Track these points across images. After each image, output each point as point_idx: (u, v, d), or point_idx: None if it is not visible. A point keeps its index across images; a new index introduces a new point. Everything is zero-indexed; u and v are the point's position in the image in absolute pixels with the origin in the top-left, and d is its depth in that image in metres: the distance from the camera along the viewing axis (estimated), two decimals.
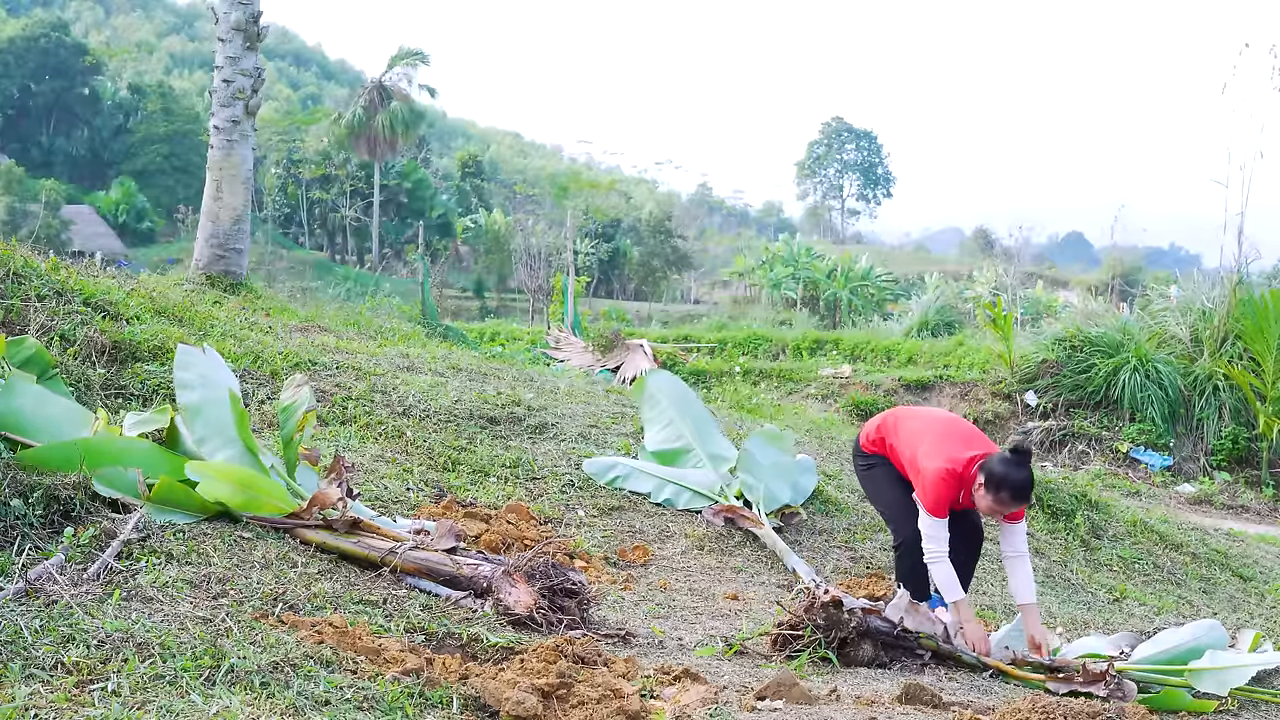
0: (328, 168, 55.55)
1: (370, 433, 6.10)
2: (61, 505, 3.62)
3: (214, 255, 10.22)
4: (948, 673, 4.19)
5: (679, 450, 6.48)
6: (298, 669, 2.89)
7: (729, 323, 26.42)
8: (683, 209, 72.33)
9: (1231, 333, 12.06)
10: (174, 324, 6.94)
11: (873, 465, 4.94)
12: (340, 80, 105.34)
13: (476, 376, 7.87)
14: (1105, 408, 12.26)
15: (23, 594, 2.99)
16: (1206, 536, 8.15)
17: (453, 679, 3.12)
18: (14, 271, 6.08)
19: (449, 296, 44.59)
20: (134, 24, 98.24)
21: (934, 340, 18.13)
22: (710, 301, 51.07)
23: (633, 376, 13.01)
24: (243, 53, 10.19)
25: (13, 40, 58.61)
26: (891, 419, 4.90)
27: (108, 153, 60.09)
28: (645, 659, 3.74)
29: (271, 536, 3.95)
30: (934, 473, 4.42)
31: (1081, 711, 3.18)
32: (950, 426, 4.71)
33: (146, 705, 2.53)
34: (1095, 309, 15.86)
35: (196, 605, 3.20)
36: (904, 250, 76.32)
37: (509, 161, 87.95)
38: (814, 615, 4.09)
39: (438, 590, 3.94)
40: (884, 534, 6.03)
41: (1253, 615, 6.03)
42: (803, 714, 3.21)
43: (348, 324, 10.17)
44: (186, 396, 4.48)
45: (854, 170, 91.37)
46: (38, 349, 4.79)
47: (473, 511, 5.17)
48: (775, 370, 16.12)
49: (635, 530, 5.66)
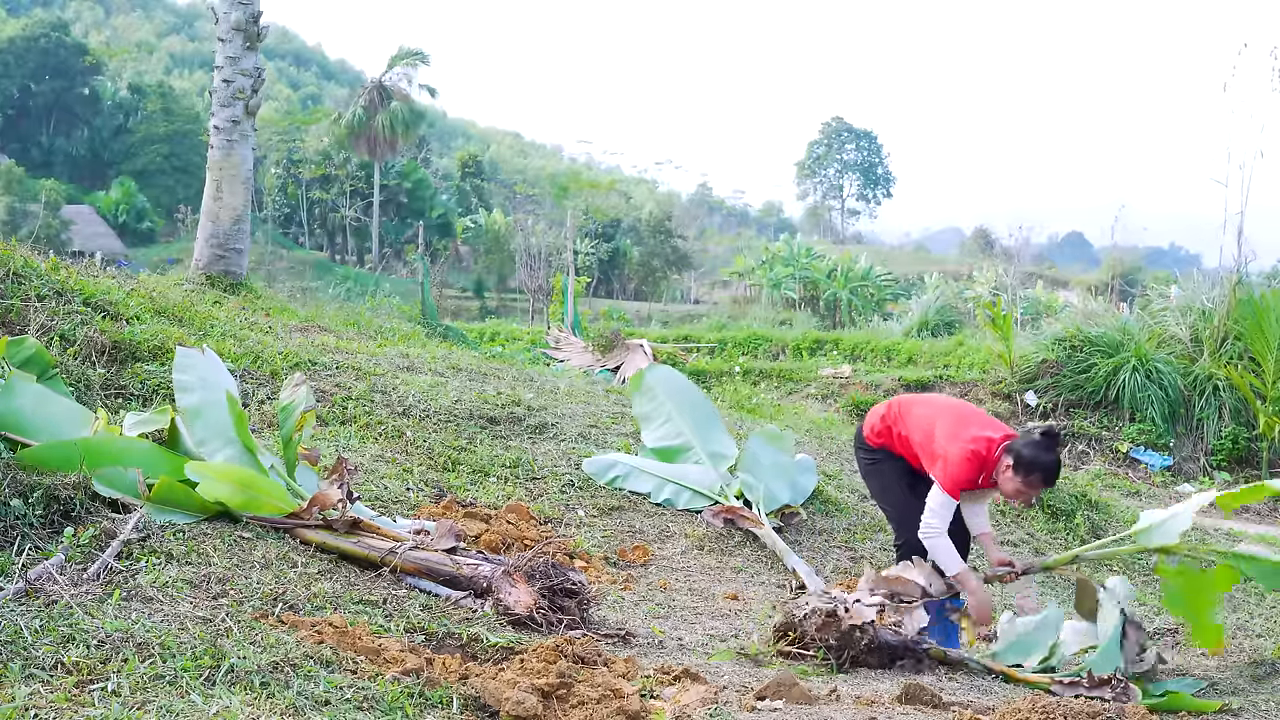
0: (328, 168, 55.53)
1: (370, 433, 6.10)
2: (61, 505, 3.62)
3: (214, 255, 10.22)
4: (948, 673, 4.19)
5: (678, 448, 6.48)
6: (298, 669, 2.89)
7: (729, 323, 26.41)
8: (683, 209, 72.30)
9: (1231, 333, 12.05)
10: (174, 324, 6.94)
11: (878, 460, 4.87)
12: (340, 80, 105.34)
13: (476, 376, 7.87)
14: (1105, 408, 12.25)
15: (23, 594, 2.99)
16: (1206, 536, 8.14)
17: (453, 679, 3.12)
18: (14, 271, 6.08)
19: (449, 296, 44.58)
20: (134, 24, 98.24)
21: (934, 340, 18.12)
22: (710, 301, 51.04)
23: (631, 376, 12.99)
24: (243, 53, 10.19)
25: (13, 40, 58.60)
26: (896, 406, 4.83)
27: (108, 153, 60.08)
28: (645, 659, 3.74)
29: (271, 536, 3.95)
30: (959, 453, 4.35)
31: (1081, 711, 3.18)
32: (961, 408, 4.69)
33: (146, 705, 2.52)
34: (1095, 309, 15.85)
35: (196, 605, 3.20)
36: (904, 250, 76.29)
37: (509, 161, 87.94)
38: (826, 635, 4.09)
39: (438, 590, 3.94)
40: (884, 534, 6.03)
41: (1252, 615, 6.02)
42: (803, 714, 3.21)
43: (348, 324, 10.18)
44: (186, 399, 4.48)
45: (854, 170, 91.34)
46: (38, 349, 4.79)
47: (473, 511, 5.17)
48: (775, 370, 16.12)
49: (635, 530, 5.66)
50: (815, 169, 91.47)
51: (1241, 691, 4.40)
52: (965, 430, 4.43)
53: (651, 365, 8.48)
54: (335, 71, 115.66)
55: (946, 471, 4.38)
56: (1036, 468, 4.27)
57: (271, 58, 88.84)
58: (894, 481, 4.81)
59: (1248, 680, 4.57)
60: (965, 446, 4.36)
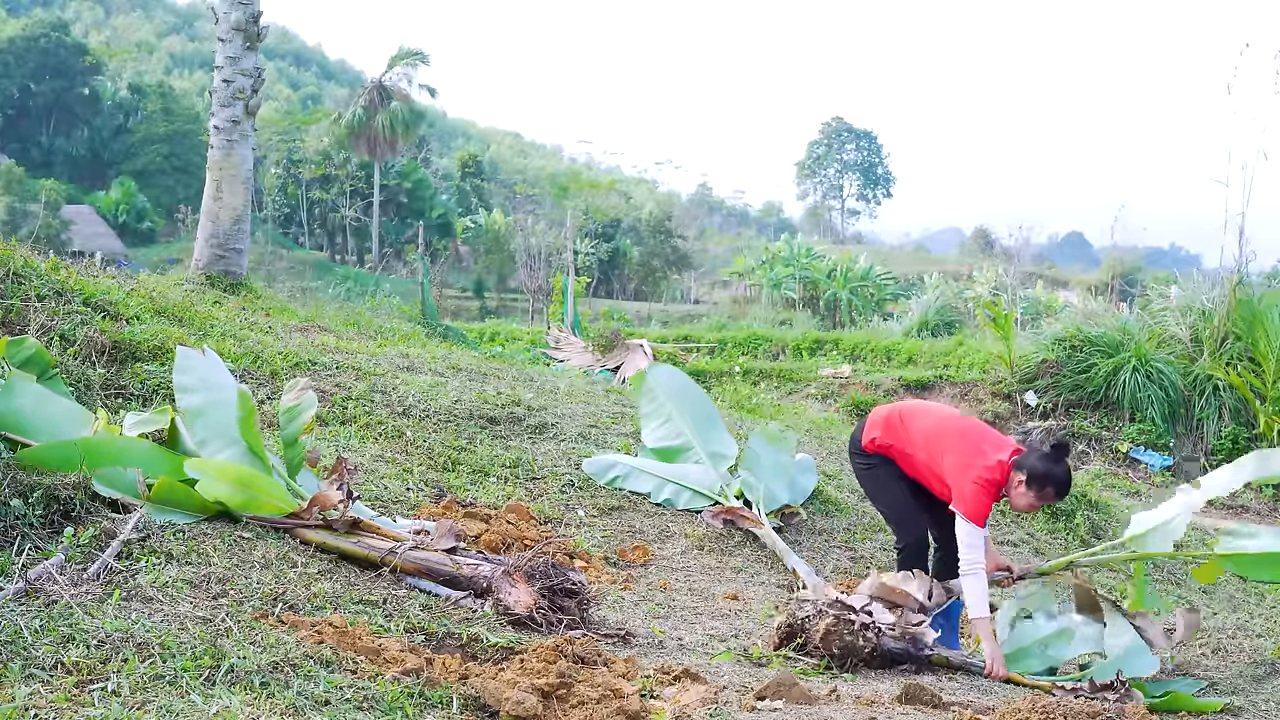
0: (328, 168, 55.52)
1: (370, 433, 6.10)
2: (61, 505, 3.62)
3: (214, 255, 10.22)
4: (948, 673, 4.19)
5: (678, 448, 6.48)
6: (298, 669, 2.89)
7: (729, 323, 26.40)
8: (683, 209, 72.27)
9: (1231, 333, 12.05)
10: (174, 324, 6.94)
11: (874, 465, 4.82)
12: (340, 80, 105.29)
13: (476, 376, 7.87)
14: (1105, 408, 12.25)
15: (23, 594, 2.99)
16: (1206, 536, 8.14)
17: (453, 679, 3.12)
18: (14, 271, 6.08)
19: (449, 296, 44.56)
20: (134, 24, 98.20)
21: (934, 340, 18.11)
22: (710, 301, 51.01)
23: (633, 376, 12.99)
24: (243, 53, 10.19)
25: (13, 40, 58.58)
26: (896, 417, 4.74)
27: (108, 153, 60.07)
28: (645, 659, 3.74)
29: (271, 536, 3.95)
30: (974, 484, 4.34)
31: (1081, 711, 3.18)
32: (964, 426, 4.61)
33: (146, 705, 2.53)
34: (1095, 309, 15.85)
35: (196, 605, 3.20)
36: (904, 250, 76.23)
37: (509, 161, 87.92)
38: (830, 643, 4.09)
39: (438, 590, 3.94)
40: (884, 534, 6.03)
41: (1252, 615, 6.02)
42: (803, 714, 3.21)
43: (348, 324, 10.18)
44: (187, 400, 4.48)
45: (854, 170, 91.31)
46: (38, 349, 4.79)
47: (473, 511, 5.17)
48: (775, 370, 16.11)
49: (635, 530, 5.66)
50: (815, 169, 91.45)
51: (1241, 691, 4.40)
52: (975, 460, 4.39)
53: (653, 365, 8.48)
54: (335, 71, 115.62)
55: (966, 507, 4.35)
56: (1050, 481, 4.29)
57: (271, 58, 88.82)
58: (891, 484, 4.77)
59: (1248, 680, 4.58)
60: (980, 477, 4.34)
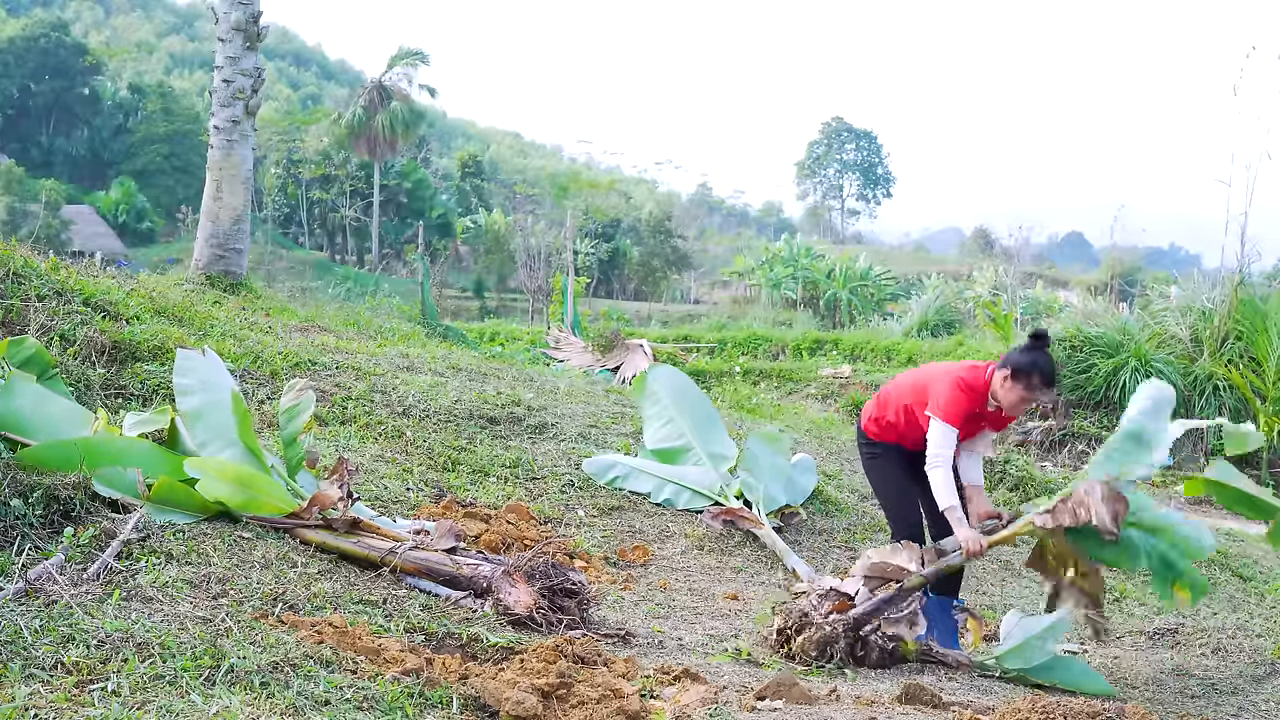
0: (328, 168, 55.50)
1: (370, 433, 6.10)
2: (61, 505, 3.62)
3: (214, 255, 10.22)
4: (948, 673, 4.19)
5: (679, 449, 6.48)
6: (298, 669, 2.89)
7: (729, 323, 26.42)
8: (683, 209, 72.25)
9: (1232, 333, 12.06)
10: (174, 324, 6.94)
11: (877, 454, 4.88)
12: (340, 80, 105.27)
13: (476, 376, 7.87)
14: (1105, 408, 12.25)
15: (23, 594, 2.99)
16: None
17: (453, 679, 3.12)
18: (14, 271, 6.08)
19: (449, 296, 44.57)
20: (134, 24, 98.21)
21: (934, 340, 18.15)
22: (710, 301, 51.02)
23: (632, 376, 13.00)
24: (243, 53, 10.20)
25: (13, 40, 58.57)
26: (885, 389, 4.92)
27: (108, 153, 60.06)
28: (645, 659, 3.74)
29: (271, 536, 3.95)
30: (949, 383, 4.44)
31: (1081, 711, 3.18)
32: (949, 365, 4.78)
33: (146, 705, 2.52)
34: (1095, 309, 15.86)
35: (196, 605, 3.20)
36: (904, 250, 76.24)
37: (509, 161, 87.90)
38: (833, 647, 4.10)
39: (438, 590, 3.94)
40: (884, 534, 6.03)
41: (1252, 615, 6.02)
42: (803, 714, 3.21)
43: (348, 324, 10.18)
44: (187, 401, 4.48)
45: (854, 170, 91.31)
46: (38, 349, 4.79)
47: (473, 511, 5.17)
48: (775, 370, 16.13)
49: (635, 530, 5.66)
50: (815, 169, 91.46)
51: (1241, 691, 4.40)
52: (954, 369, 4.57)
53: (653, 365, 8.48)
54: (335, 71, 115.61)
55: (939, 403, 4.45)
56: (1035, 368, 4.36)
57: (271, 58, 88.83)
58: (892, 475, 4.81)
59: (1248, 680, 4.57)
60: (955, 377, 4.48)
